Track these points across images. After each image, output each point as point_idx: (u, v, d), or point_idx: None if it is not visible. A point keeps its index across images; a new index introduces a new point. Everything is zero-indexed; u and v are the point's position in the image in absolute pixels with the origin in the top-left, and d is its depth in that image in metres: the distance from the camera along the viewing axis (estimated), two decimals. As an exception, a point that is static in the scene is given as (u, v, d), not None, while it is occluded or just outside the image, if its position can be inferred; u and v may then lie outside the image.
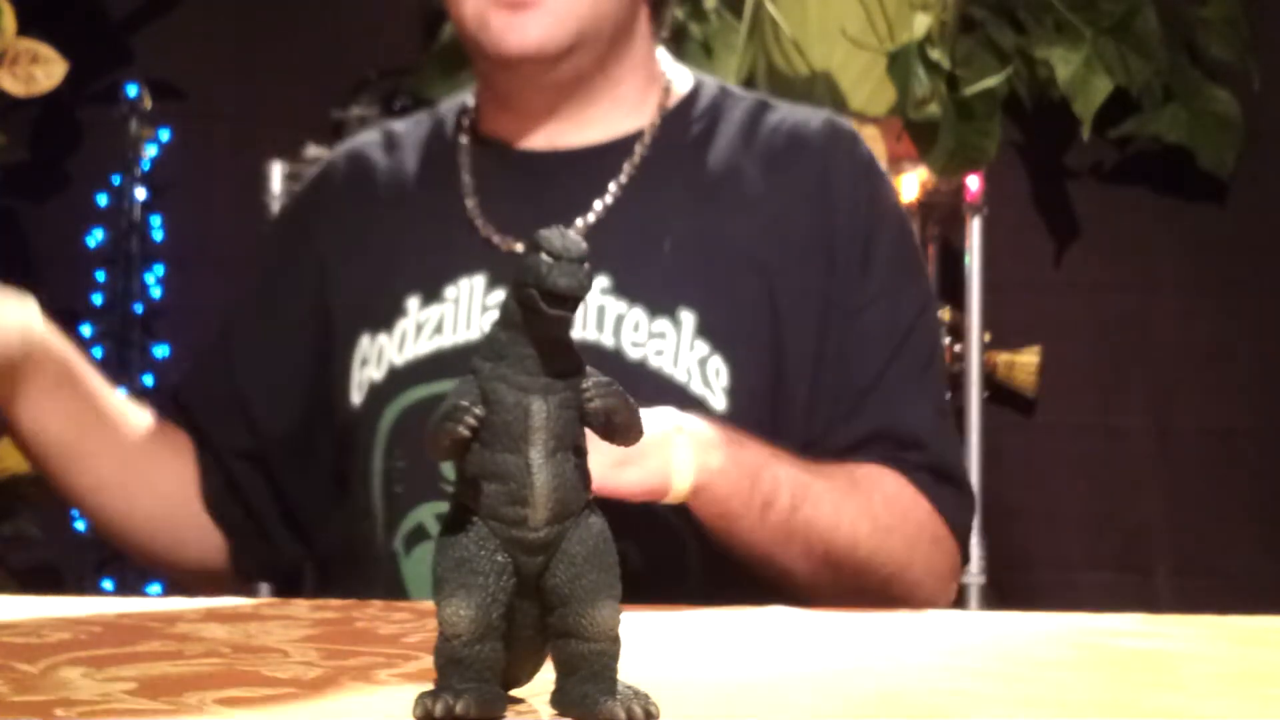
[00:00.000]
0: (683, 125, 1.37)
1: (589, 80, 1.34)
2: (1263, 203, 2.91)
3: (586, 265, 0.65)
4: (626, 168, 1.34)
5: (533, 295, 0.65)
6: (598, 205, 1.32)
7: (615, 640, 0.67)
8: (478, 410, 0.66)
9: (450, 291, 1.31)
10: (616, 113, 1.36)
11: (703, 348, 1.27)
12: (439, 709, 0.65)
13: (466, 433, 0.65)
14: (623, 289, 1.28)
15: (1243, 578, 2.87)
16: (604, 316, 1.27)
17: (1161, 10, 2.70)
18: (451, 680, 0.66)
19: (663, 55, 1.41)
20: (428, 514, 1.27)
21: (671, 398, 1.22)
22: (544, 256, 0.65)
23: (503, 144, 1.37)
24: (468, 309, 1.30)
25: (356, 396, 1.33)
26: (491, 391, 0.66)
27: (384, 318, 1.33)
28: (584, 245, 0.65)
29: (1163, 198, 2.94)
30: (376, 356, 1.32)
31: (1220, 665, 0.88)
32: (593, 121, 1.35)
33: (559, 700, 0.68)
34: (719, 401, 1.26)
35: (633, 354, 1.26)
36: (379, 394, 1.31)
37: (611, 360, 1.24)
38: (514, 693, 0.72)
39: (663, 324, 1.27)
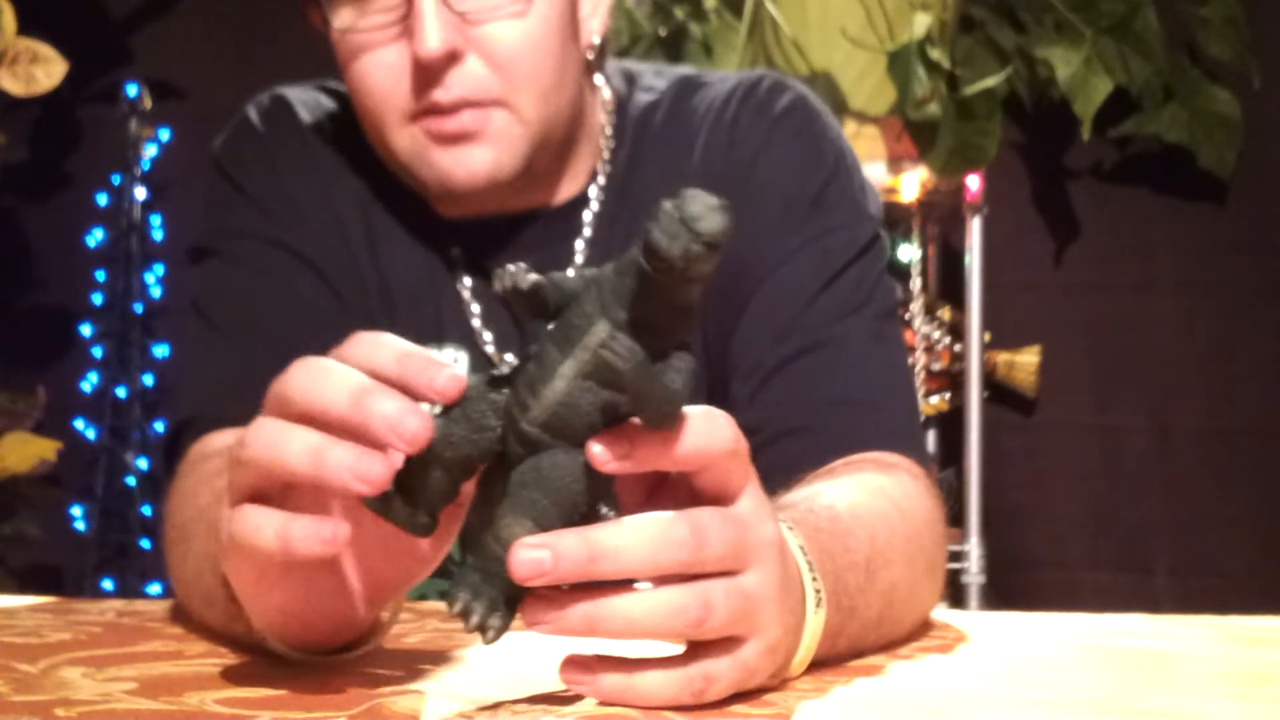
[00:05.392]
0: (619, 179, 1.25)
1: (548, 159, 1.22)
2: (1263, 203, 2.91)
3: (696, 244, 0.62)
4: (579, 244, 1.24)
5: (641, 238, 0.63)
6: None
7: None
8: (517, 273, 0.66)
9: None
10: (577, 167, 1.25)
11: None
12: (386, 505, 0.69)
13: (497, 287, 0.66)
14: None
15: (1243, 578, 2.87)
16: None
17: (1161, 10, 2.70)
18: (400, 489, 0.69)
19: (598, 80, 1.28)
20: None
21: None
22: (670, 208, 0.62)
23: (472, 220, 1.24)
24: None
25: None
26: (584, 292, 0.66)
27: None
28: (714, 223, 0.62)
29: (1163, 198, 2.94)
30: None
31: (1220, 665, 0.88)
32: (553, 182, 1.24)
33: (460, 569, 0.69)
34: None
35: None
36: None
37: None
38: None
39: None
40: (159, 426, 2.94)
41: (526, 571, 0.65)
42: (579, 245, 1.24)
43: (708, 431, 0.69)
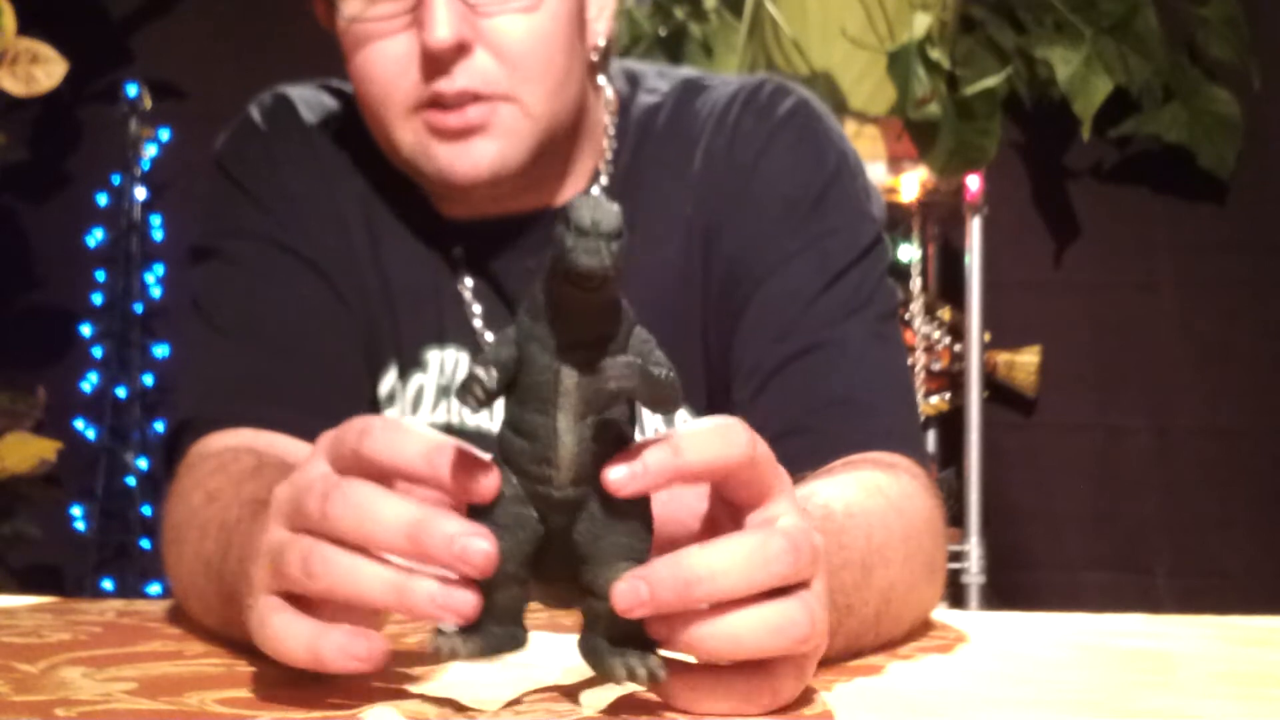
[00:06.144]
0: (621, 180, 1.25)
1: (550, 158, 1.21)
2: (1263, 203, 2.91)
3: (614, 243, 0.62)
4: None
5: (559, 270, 0.63)
6: None
7: None
8: (488, 383, 0.65)
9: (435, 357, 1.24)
10: (579, 167, 1.25)
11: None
12: (441, 644, 0.67)
13: (474, 406, 0.65)
14: None
15: (1243, 578, 2.87)
16: None
17: (1161, 10, 2.70)
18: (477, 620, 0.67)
19: (601, 81, 1.28)
20: None
21: None
22: (570, 229, 0.62)
23: (475, 220, 1.24)
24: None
25: None
26: (525, 350, 0.65)
27: (405, 359, 1.24)
28: (615, 218, 0.62)
29: (1163, 198, 2.94)
30: (414, 398, 1.24)
31: (1220, 665, 0.88)
32: (555, 182, 1.24)
33: (581, 646, 0.69)
34: None
35: None
36: None
37: None
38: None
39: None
40: (159, 426, 2.94)
41: (626, 603, 0.65)
42: None
43: (722, 440, 0.68)
